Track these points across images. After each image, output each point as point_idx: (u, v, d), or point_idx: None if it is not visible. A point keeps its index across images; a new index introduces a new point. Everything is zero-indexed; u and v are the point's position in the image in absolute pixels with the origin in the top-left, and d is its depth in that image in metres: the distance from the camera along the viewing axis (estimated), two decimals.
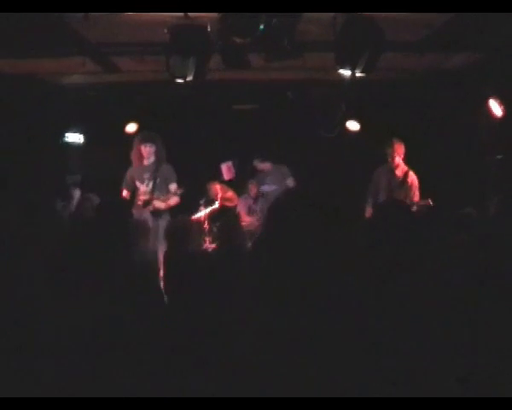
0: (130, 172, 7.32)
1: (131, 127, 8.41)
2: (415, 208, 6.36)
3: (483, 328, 1.79)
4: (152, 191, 7.10)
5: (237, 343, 1.74)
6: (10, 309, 1.94)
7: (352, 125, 8.57)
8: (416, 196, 7.05)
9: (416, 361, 1.69)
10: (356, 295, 1.75)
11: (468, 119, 7.52)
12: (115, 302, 2.01)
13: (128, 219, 3.05)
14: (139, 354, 1.79)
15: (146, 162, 7.25)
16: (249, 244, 5.62)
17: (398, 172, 7.19)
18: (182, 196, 7.18)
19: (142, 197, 7.03)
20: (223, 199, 7.94)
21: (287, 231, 1.93)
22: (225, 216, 6.08)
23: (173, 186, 7.23)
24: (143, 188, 7.19)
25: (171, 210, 7.09)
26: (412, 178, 7.15)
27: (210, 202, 7.91)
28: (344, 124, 8.51)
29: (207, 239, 6.96)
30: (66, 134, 8.39)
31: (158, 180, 7.15)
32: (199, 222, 7.46)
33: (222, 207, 7.88)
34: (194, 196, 7.85)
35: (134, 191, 7.21)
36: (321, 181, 7.75)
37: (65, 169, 8.67)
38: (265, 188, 7.94)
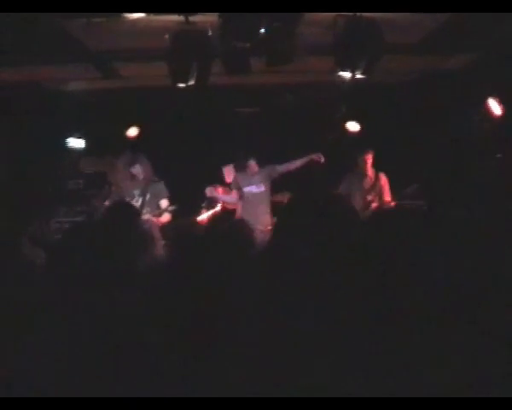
0: (118, 190, 7.29)
1: (133, 132, 8.44)
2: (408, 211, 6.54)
3: (478, 330, 1.80)
4: (141, 207, 7.06)
5: (241, 346, 1.76)
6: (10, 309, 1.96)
7: (352, 127, 8.62)
8: (388, 197, 7.33)
9: (411, 363, 1.71)
10: (355, 294, 1.77)
11: (467, 120, 7.57)
12: (118, 304, 2.03)
13: (135, 225, 3.08)
14: (140, 356, 1.81)
15: (135, 181, 7.25)
16: (255, 247, 5.57)
17: (370, 176, 7.47)
18: (173, 213, 7.16)
19: None
20: (225, 202, 7.96)
21: (289, 233, 1.95)
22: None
23: (164, 202, 7.20)
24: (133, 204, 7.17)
25: (174, 213, 7.10)
26: (383, 179, 7.46)
27: (212, 205, 7.93)
28: (344, 126, 8.56)
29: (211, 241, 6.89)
30: (68, 140, 8.42)
31: (148, 197, 7.12)
32: (201, 225, 7.45)
33: (224, 209, 7.90)
34: (196, 199, 7.87)
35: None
36: (321, 183, 7.78)
37: (66, 175, 8.71)
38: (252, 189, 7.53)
